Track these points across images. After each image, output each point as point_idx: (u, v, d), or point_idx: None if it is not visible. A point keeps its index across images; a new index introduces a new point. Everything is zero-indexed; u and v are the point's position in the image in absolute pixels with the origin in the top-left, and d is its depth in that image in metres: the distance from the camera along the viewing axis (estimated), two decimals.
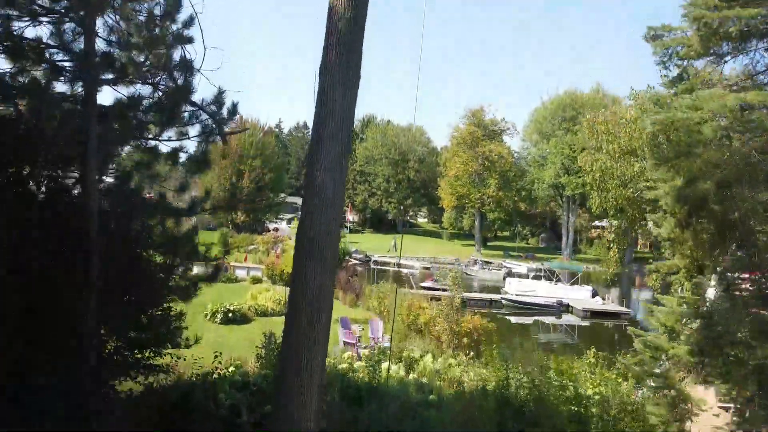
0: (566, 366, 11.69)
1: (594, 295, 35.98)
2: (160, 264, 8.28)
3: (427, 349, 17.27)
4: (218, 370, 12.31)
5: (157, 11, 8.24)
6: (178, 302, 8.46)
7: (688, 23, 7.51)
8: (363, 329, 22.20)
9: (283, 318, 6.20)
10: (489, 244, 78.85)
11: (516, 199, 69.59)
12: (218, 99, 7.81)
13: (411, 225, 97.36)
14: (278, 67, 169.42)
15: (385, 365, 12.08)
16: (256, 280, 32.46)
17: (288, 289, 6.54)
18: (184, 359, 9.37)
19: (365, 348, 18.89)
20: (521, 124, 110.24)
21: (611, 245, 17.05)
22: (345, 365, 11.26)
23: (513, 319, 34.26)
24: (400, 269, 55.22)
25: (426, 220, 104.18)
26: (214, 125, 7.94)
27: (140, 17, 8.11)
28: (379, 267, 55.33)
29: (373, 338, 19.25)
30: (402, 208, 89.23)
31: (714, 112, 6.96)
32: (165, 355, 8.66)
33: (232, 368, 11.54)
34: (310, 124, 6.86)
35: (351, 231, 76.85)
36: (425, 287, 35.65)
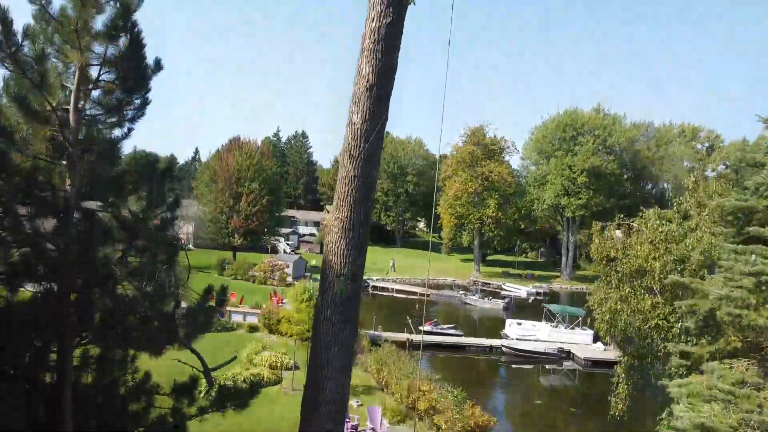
0: None
1: (595, 339, 35.52)
2: None
3: None
4: None
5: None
6: None
7: None
8: (361, 404, 21.75)
9: (278, 388, 5.70)
10: (488, 259, 78.38)
11: (516, 217, 68.97)
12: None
13: (410, 236, 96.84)
14: (277, 69, 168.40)
15: None
16: (253, 328, 31.88)
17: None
18: None
19: None
20: (521, 138, 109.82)
21: (618, 384, 16.35)
22: None
23: (513, 366, 33.89)
24: (398, 294, 54.84)
25: (425, 230, 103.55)
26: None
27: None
28: (378, 293, 54.82)
29: (372, 428, 18.84)
30: (401, 220, 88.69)
31: None
32: None
33: None
34: (309, 131, 6.45)
35: None
36: (426, 332, 35.14)
